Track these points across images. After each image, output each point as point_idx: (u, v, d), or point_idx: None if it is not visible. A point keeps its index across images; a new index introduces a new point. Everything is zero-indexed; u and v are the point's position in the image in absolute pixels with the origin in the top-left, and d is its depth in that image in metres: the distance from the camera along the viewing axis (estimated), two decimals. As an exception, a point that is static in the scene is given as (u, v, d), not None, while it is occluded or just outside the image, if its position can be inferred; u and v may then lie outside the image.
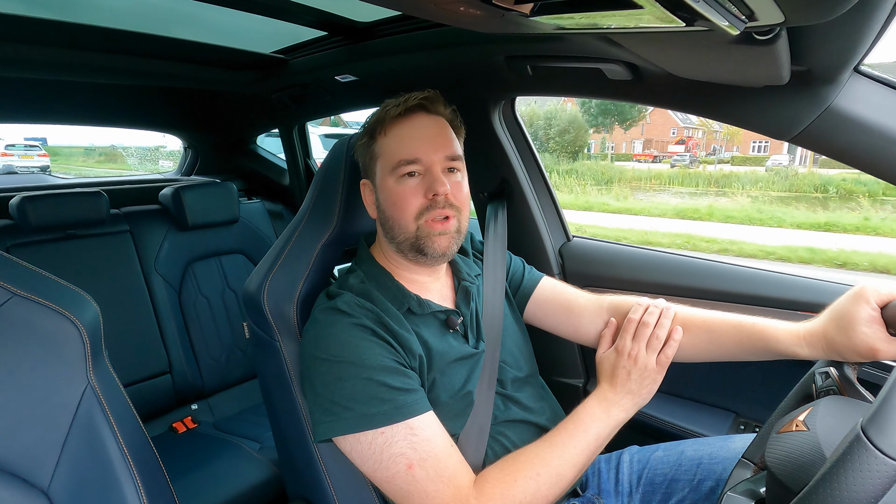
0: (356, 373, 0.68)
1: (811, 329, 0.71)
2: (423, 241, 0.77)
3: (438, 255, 0.78)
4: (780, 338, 0.74)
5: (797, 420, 0.52)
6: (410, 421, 0.67)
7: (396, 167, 0.76)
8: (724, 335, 0.80)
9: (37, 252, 1.47)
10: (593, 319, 0.91)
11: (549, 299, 0.96)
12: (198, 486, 1.29)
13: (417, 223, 0.76)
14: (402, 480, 0.66)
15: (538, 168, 1.41)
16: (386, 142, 0.78)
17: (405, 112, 0.78)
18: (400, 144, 0.77)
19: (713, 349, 0.81)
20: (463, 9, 0.54)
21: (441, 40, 1.14)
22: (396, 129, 0.78)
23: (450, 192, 0.76)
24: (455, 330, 0.82)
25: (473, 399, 0.79)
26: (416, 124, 0.78)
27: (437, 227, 0.77)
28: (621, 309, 0.88)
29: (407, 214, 0.76)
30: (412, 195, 0.76)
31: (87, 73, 1.49)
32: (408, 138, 0.77)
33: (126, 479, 0.56)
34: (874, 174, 0.81)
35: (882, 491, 0.37)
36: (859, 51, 0.67)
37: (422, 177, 0.76)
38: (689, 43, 0.64)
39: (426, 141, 0.77)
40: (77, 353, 0.55)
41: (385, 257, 0.84)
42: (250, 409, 1.74)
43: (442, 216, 0.76)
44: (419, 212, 0.76)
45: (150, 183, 2.07)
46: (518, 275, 0.99)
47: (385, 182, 0.78)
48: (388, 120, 0.78)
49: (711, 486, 0.81)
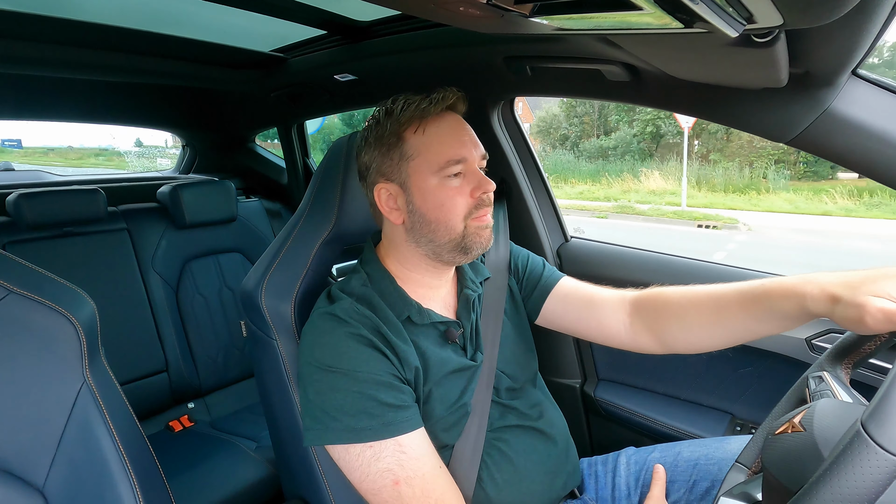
0: (348, 385, 0.67)
1: (821, 282, 0.62)
2: (470, 238, 0.76)
3: (481, 250, 0.78)
4: (786, 294, 0.65)
5: (793, 422, 0.52)
6: (400, 438, 0.67)
7: (444, 167, 0.74)
8: (730, 306, 0.73)
9: (33, 249, 1.46)
10: (615, 313, 0.86)
11: (570, 295, 0.92)
12: (194, 485, 1.28)
13: (465, 223, 0.76)
14: (388, 495, 0.66)
15: (536, 169, 1.42)
16: (424, 141, 0.75)
17: (443, 111, 0.76)
18: (444, 143, 0.74)
19: (723, 325, 0.75)
20: (462, 9, 0.54)
21: (440, 40, 1.14)
22: (435, 128, 0.75)
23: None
24: (454, 342, 0.81)
25: (469, 411, 0.78)
26: (452, 123, 0.77)
27: (484, 221, 0.77)
28: (646, 298, 0.84)
29: (455, 215, 0.75)
30: (459, 195, 0.75)
31: (85, 70, 1.49)
32: (450, 137, 0.75)
33: (122, 478, 0.56)
34: (871, 177, 0.82)
35: (882, 487, 0.37)
36: (857, 54, 0.67)
37: (464, 177, 0.76)
38: (687, 45, 0.64)
39: (467, 140, 0.76)
40: (73, 350, 0.55)
41: (395, 261, 0.82)
42: (247, 408, 1.74)
43: (487, 213, 0.77)
44: (468, 211, 0.75)
45: (148, 181, 2.07)
46: (536, 273, 0.96)
47: (425, 183, 0.75)
48: (427, 118, 0.75)
49: (707, 486, 0.81)
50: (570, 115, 17.37)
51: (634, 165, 14.09)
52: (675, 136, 14.52)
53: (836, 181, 10.67)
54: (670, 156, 13.92)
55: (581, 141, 16.77)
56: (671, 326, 0.81)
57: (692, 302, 0.78)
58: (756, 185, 11.44)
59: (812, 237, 7.83)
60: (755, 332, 0.73)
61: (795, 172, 12.23)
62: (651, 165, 13.57)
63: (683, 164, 12.25)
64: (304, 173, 2.16)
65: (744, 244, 7.32)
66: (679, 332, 0.80)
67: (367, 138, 0.78)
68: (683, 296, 0.80)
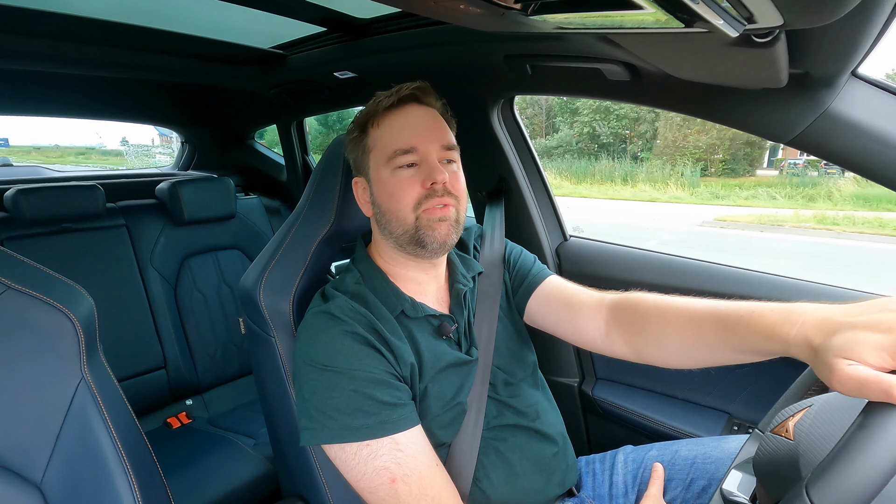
0: (344, 384, 0.67)
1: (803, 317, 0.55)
2: (423, 230, 0.74)
3: (438, 246, 0.76)
4: (768, 335, 0.59)
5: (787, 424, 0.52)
6: (396, 436, 0.66)
7: (392, 157, 0.74)
8: (706, 330, 0.67)
9: (32, 245, 1.46)
10: (592, 317, 0.83)
11: (551, 295, 0.90)
12: (192, 482, 1.28)
13: (416, 213, 0.74)
14: (385, 493, 0.66)
15: (536, 167, 1.42)
16: (379, 133, 0.76)
17: (397, 103, 0.76)
18: (394, 135, 0.75)
19: (699, 348, 0.69)
20: (463, 7, 0.54)
21: (440, 38, 1.14)
22: (389, 120, 0.76)
23: (448, 181, 0.74)
24: (448, 337, 0.81)
25: (465, 408, 0.78)
26: (408, 114, 0.76)
27: (437, 213, 0.74)
28: (623, 306, 0.80)
29: (404, 205, 0.74)
30: (409, 185, 0.74)
31: (84, 66, 1.48)
32: (401, 128, 0.75)
33: (119, 474, 0.56)
34: (870, 178, 0.82)
35: None
36: (857, 55, 0.67)
37: (418, 167, 0.75)
38: (687, 44, 0.64)
39: (421, 130, 0.75)
40: (71, 347, 0.55)
41: (381, 257, 0.83)
42: (245, 405, 1.74)
43: (441, 204, 0.74)
44: (417, 201, 0.74)
45: (147, 177, 2.07)
46: (525, 269, 0.94)
47: (379, 174, 0.76)
48: (381, 111, 0.76)
49: (704, 485, 0.81)
50: (521, 117, 18.02)
51: (572, 164, 15.22)
52: (608, 136, 16.42)
53: (751, 177, 12.93)
54: (603, 154, 15.63)
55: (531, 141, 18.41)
56: (646, 341, 0.76)
57: (668, 318, 0.72)
58: (666, 179, 13.20)
59: (585, 214, 9.84)
60: (734, 360, 0.66)
61: (716, 170, 13.95)
62: (586, 163, 15.08)
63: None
64: (303, 171, 2.16)
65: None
66: (654, 348, 0.75)
67: (349, 135, 0.82)
68: (660, 310, 0.74)
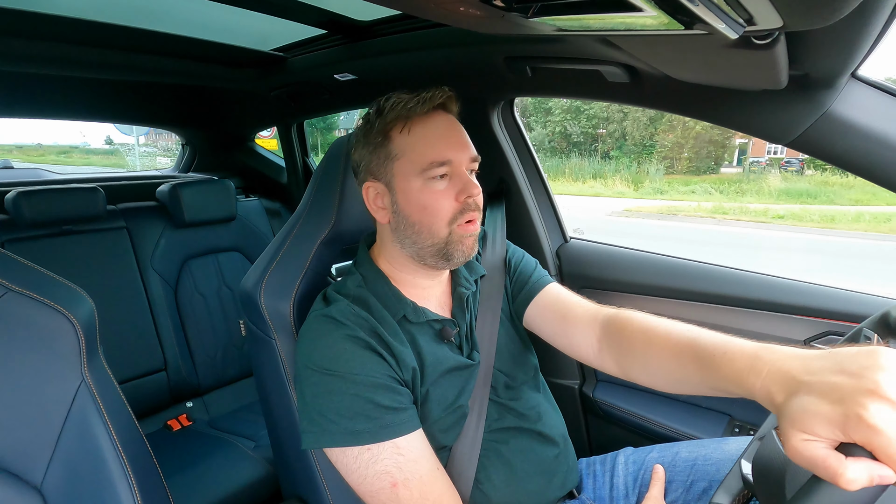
0: (345, 388, 0.67)
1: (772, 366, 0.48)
2: (454, 245, 0.74)
3: (463, 260, 0.76)
4: (736, 381, 0.53)
5: None
6: (397, 440, 0.66)
7: (427, 169, 0.72)
8: (685, 361, 0.63)
9: (32, 248, 1.46)
10: (585, 333, 0.82)
11: (549, 305, 0.89)
12: (192, 484, 1.28)
13: (450, 228, 0.74)
14: (386, 497, 0.65)
15: (536, 169, 1.42)
16: (409, 141, 0.73)
17: (430, 110, 0.75)
18: (428, 145, 0.73)
19: (680, 377, 0.65)
20: (463, 9, 0.54)
21: (441, 40, 1.14)
22: (421, 128, 0.73)
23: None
24: (450, 341, 0.81)
25: (466, 412, 0.78)
26: (440, 124, 0.75)
27: (469, 230, 0.75)
28: (613, 327, 0.78)
29: (440, 219, 0.73)
30: (444, 198, 0.73)
31: (84, 68, 1.48)
32: (436, 138, 0.73)
33: (120, 477, 0.56)
34: (870, 179, 0.82)
35: None
36: (857, 56, 0.68)
37: (450, 180, 0.74)
38: (687, 46, 0.64)
39: (454, 142, 0.74)
40: (72, 349, 0.55)
41: (386, 261, 0.82)
42: (246, 408, 1.74)
43: (471, 219, 0.75)
44: (453, 216, 0.74)
45: (148, 179, 2.07)
46: (525, 275, 0.93)
47: (409, 184, 0.73)
48: (413, 118, 0.74)
49: (704, 487, 0.81)
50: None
51: (543, 162, 15.74)
52: (579, 135, 17.06)
53: (713, 175, 14.09)
54: (574, 153, 16.67)
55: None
56: (633, 363, 0.75)
57: (652, 345, 0.70)
58: (633, 177, 14.18)
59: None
60: (715, 395, 0.62)
61: (681, 168, 15.15)
62: (557, 162, 15.85)
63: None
64: (303, 172, 2.16)
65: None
66: (640, 372, 0.73)
67: (358, 136, 0.78)
68: (645, 335, 0.72)
